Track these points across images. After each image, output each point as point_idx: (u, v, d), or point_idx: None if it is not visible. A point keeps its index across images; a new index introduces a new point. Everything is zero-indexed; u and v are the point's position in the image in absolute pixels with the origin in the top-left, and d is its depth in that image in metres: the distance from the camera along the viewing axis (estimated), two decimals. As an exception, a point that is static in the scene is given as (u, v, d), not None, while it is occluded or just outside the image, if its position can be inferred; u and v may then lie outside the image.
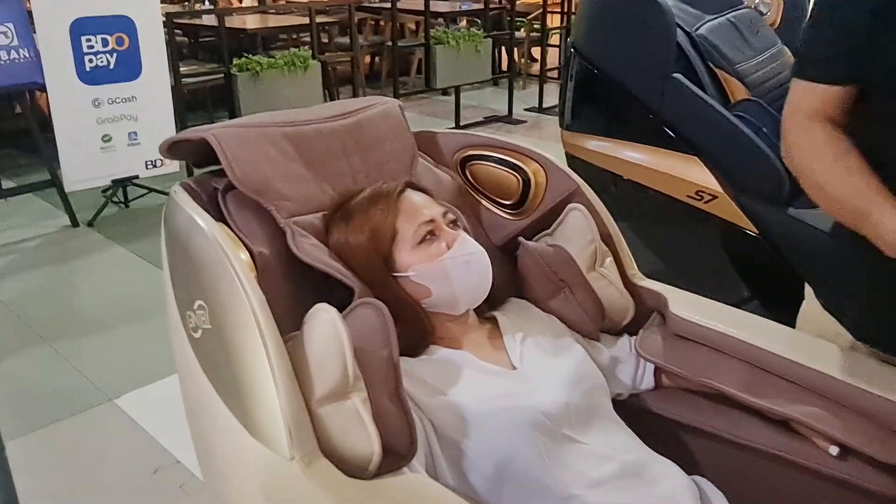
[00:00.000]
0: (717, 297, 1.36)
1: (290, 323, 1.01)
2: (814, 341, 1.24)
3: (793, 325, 1.33)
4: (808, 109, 1.14)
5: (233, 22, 5.42)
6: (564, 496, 1.02)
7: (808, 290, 1.34)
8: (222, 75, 4.27)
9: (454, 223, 1.21)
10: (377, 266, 1.14)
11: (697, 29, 2.21)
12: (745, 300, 2.10)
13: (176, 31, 4.79)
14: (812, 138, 1.13)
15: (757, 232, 1.87)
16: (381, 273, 1.14)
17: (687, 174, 1.94)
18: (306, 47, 4.67)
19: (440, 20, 6.55)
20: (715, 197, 1.90)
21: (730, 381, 1.21)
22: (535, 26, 6.89)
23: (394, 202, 1.17)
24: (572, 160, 2.16)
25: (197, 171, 1.25)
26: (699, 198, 1.93)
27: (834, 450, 1.13)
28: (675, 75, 1.92)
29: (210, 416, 1.03)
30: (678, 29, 2.04)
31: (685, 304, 1.32)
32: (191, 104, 4.51)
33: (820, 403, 1.14)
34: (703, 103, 1.90)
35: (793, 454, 1.16)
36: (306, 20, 5.03)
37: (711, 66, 2.14)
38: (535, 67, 7.15)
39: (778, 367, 1.19)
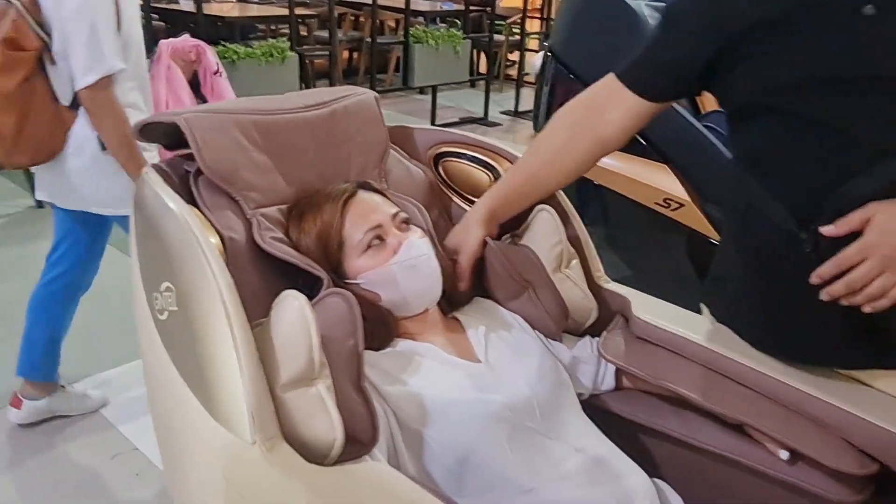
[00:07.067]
0: (679, 304, 1.39)
1: (258, 309, 1.01)
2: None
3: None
4: (596, 102, 1.24)
5: (211, 9, 5.37)
6: (526, 489, 1.03)
7: (703, 307, 1.37)
8: (198, 62, 4.23)
9: (405, 223, 1.21)
10: (328, 273, 1.15)
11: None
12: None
13: (153, 15, 4.73)
14: (559, 120, 1.27)
15: (720, 241, 1.90)
16: (333, 281, 1.15)
17: (656, 182, 1.97)
18: (285, 39, 4.65)
19: (420, 19, 6.56)
20: (682, 205, 1.94)
21: (688, 384, 1.23)
22: (514, 30, 6.93)
23: (340, 208, 1.17)
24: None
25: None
26: (667, 205, 1.96)
27: (784, 454, 1.16)
28: (648, 84, 1.95)
29: (172, 398, 1.03)
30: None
31: (648, 308, 1.35)
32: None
33: (772, 409, 1.17)
34: (673, 113, 1.93)
35: (746, 458, 1.18)
36: (286, 11, 5.01)
37: (684, 76, 2.18)
38: (512, 71, 7.19)
39: (734, 372, 1.22)
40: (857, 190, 0.99)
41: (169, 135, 1.18)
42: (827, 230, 0.99)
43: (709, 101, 2.16)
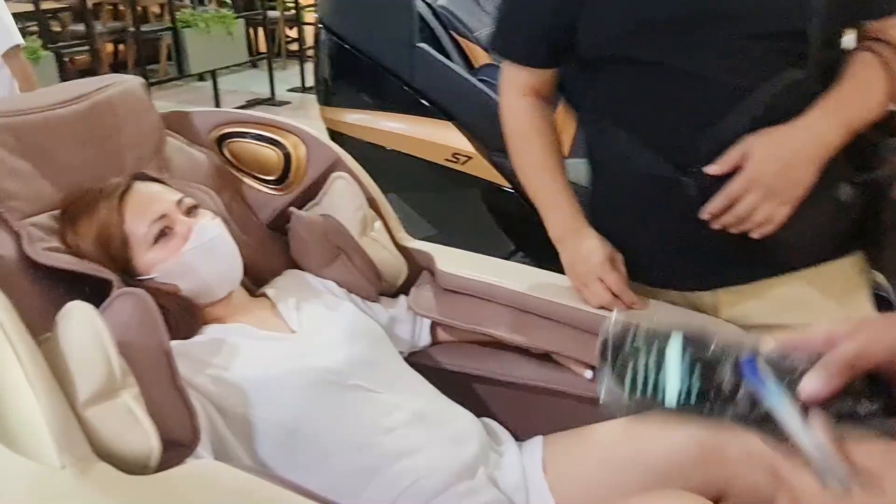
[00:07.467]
0: (488, 254, 1.44)
1: (46, 325, 0.93)
2: (566, 281, 1.36)
3: (555, 272, 1.41)
4: (519, 87, 1.27)
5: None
6: (359, 446, 1.05)
7: None
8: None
9: (193, 209, 1.17)
10: (116, 274, 1.09)
11: (437, -1, 2.31)
12: (512, 253, 2.25)
13: None
14: (518, 122, 1.29)
15: (511, 187, 2.01)
16: (123, 281, 1.09)
17: (443, 139, 2.03)
18: (34, 37, 4.24)
19: (186, 1, 6.24)
20: (470, 158, 2.01)
21: (497, 325, 1.30)
22: (288, 5, 6.79)
23: (116, 205, 1.11)
24: (333, 135, 2.17)
25: None
26: (456, 160, 2.03)
27: (588, 374, 1.26)
28: (421, 45, 1.99)
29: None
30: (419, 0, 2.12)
31: (451, 261, 1.39)
32: None
33: (574, 335, 1.26)
34: (449, 70, 1.99)
35: (557, 384, 1.27)
36: (30, 7, 4.58)
37: (453, 34, 2.25)
38: (293, 46, 7.06)
39: (537, 308, 1.29)
40: (728, 129, 1.05)
41: None
42: (711, 169, 1.05)
43: (481, 56, 2.25)
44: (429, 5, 2.23)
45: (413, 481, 1.04)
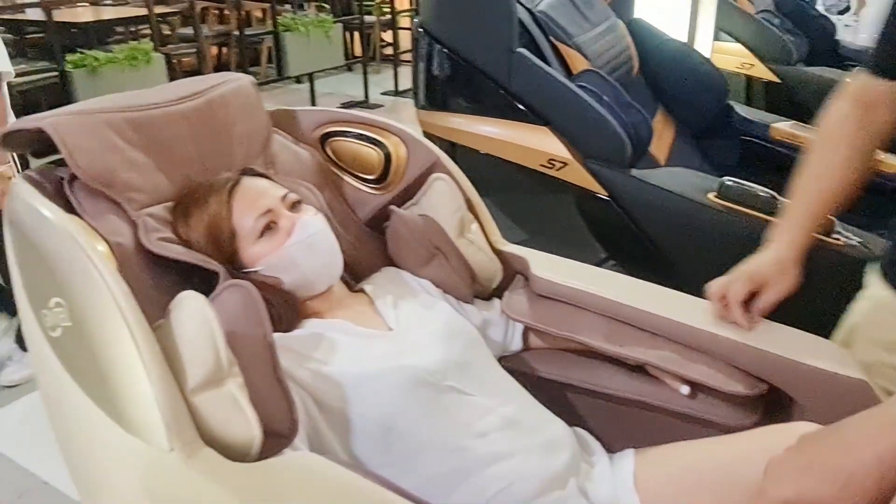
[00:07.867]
0: (576, 258, 1.42)
1: (156, 312, 0.98)
2: (663, 291, 1.33)
3: (645, 279, 1.38)
4: (853, 94, 1.21)
5: (62, 15, 5.07)
6: (452, 448, 1.04)
7: (875, 279, 1.23)
8: (56, 74, 4.00)
9: (297, 204, 1.20)
10: (223, 265, 1.13)
11: (538, 5, 2.30)
12: (603, 261, 2.22)
13: (-3, 26, 4.45)
14: (829, 120, 1.23)
15: (606, 194, 1.98)
16: (230, 273, 1.12)
17: (538, 144, 2.02)
18: (147, 40, 4.47)
19: (287, 6, 6.43)
20: (566, 164, 1.99)
21: (591, 333, 1.28)
22: (384, 9, 6.91)
23: (225, 199, 1.15)
24: (429, 138, 2.19)
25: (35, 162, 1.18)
26: (551, 166, 2.02)
27: (685, 389, 1.22)
28: (520, 50, 1.99)
29: (78, 418, 0.99)
30: (519, 5, 2.11)
31: (546, 266, 1.38)
32: (24, 107, 4.18)
33: (671, 347, 1.23)
34: (547, 76, 1.98)
35: (650, 397, 1.24)
36: (144, 11, 4.81)
37: (552, 40, 2.23)
38: (388, 50, 7.17)
39: (633, 318, 1.27)
40: None
41: (34, 143, 1.12)
42: None
43: (579, 62, 2.23)
44: (529, 11, 2.23)
45: (503, 487, 1.03)
